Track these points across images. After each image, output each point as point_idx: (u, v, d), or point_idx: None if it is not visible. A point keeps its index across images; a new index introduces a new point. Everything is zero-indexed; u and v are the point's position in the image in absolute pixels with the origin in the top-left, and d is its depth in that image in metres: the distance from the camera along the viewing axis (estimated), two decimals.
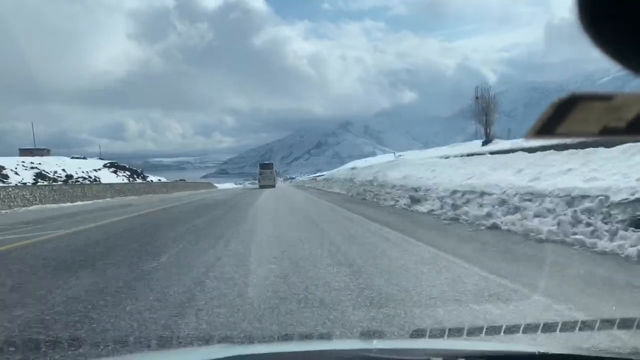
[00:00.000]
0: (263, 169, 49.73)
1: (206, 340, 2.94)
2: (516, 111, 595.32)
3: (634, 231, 5.55)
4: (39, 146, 60.08)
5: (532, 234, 6.67)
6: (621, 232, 5.61)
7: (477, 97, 49.32)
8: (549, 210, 7.24)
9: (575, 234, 5.99)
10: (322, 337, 2.99)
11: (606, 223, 6.03)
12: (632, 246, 5.14)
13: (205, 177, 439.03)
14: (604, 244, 5.50)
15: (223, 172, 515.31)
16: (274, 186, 47.17)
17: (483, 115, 48.91)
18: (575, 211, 6.60)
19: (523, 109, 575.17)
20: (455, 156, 21.78)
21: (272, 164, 56.00)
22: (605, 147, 9.49)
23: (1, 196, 21.15)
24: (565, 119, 0.67)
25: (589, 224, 6.11)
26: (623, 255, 5.07)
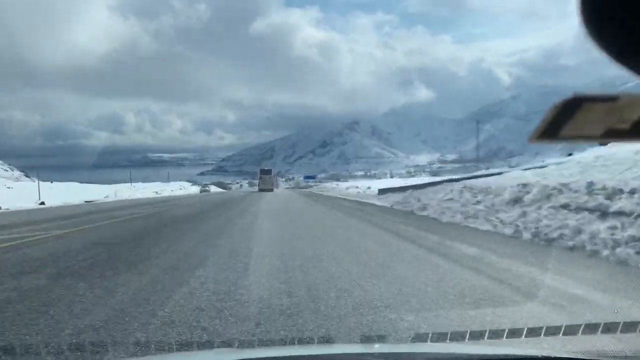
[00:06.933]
0: (263, 174, 54.83)
1: (206, 345, 2.86)
2: (530, 116, 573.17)
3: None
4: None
5: None
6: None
7: None
8: None
9: None
10: (323, 341, 2.92)
11: None
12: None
13: (202, 174, 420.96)
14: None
15: (221, 170, 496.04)
16: (272, 190, 51.09)
17: None
18: None
19: (538, 114, 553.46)
20: None
21: (271, 170, 62.79)
22: None
23: None
24: (568, 121, 0.66)
25: None
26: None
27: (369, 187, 37.56)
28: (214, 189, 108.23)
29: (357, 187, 43.32)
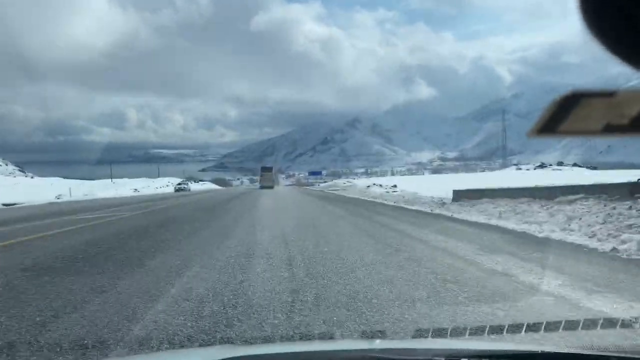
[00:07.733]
0: (264, 172, 56.67)
1: (207, 341, 2.82)
2: (533, 114, 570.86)
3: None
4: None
5: None
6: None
7: None
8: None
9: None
10: (324, 337, 2.91)
11: None
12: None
13: (203, 170, 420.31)
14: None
15: (222, 166, 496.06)
16: (272, 187, 50.81)
17: None
18: None
19: (540, 112, 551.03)
20: None
21: (272, 167, 66.21)
22: None
23: None
24: (567, 116, 0.66)
25: None
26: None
27: (394, 185, 31.56)
28: (210, 185, 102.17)
29: (380, 186, 35.07)
